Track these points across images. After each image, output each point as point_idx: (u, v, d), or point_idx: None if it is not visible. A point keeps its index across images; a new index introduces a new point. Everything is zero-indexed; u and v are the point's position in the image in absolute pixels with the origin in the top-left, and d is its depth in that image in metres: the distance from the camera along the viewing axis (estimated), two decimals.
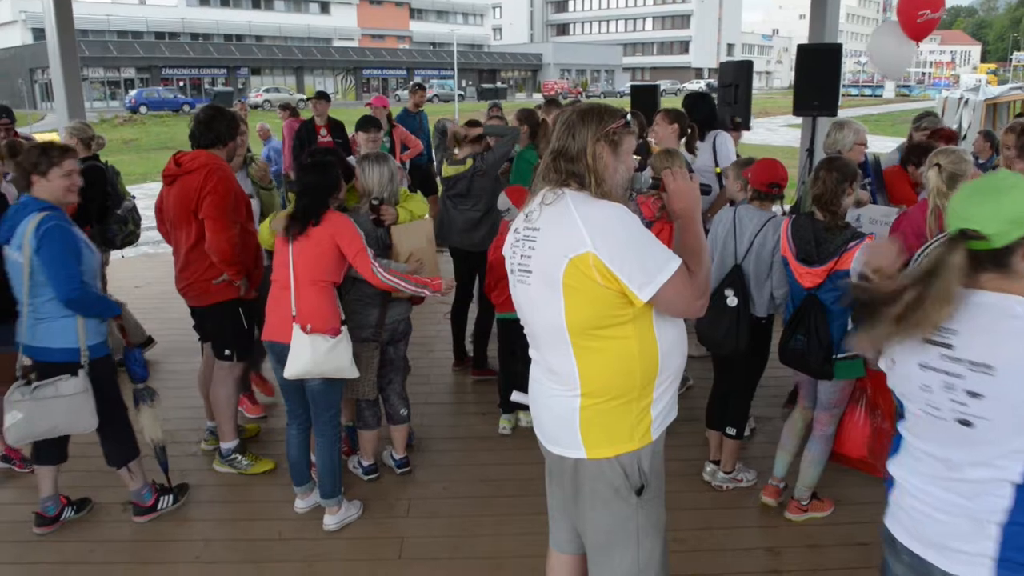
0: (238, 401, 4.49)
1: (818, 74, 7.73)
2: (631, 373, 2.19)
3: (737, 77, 8.79)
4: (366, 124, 5.98)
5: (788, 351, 3.61)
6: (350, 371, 3.67)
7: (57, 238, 3.33)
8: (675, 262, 2.12)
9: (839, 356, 3.47)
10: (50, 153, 3.42)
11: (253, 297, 4.27)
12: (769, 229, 3.78)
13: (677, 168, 2.43)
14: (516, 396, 2.60)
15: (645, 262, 2.10)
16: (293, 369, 3.56)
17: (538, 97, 56.34)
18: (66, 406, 3.45)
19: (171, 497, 3.97)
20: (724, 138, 5.75)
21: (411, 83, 10.07)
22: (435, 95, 54.09)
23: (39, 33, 48.89)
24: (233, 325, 4.26)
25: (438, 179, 7.43)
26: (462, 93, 55.65)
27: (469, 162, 5.38)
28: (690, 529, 3.78)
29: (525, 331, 2.40)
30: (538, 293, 2.22)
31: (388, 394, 4.20)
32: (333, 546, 3.72)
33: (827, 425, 3.73)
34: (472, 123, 5.79)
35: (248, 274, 4.20)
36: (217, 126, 4.10)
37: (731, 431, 4.06)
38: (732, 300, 3.82)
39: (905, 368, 1.84)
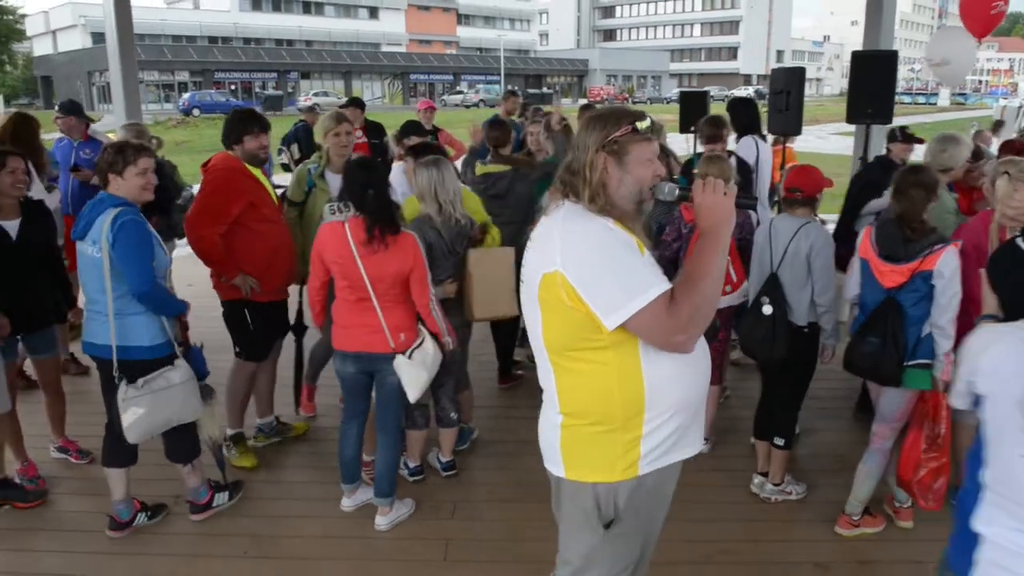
0: (245, 397, 4.58)
1: (873, 81, 7.59)
2: (610, 402, 2.06)
3: (789, 84, 8.65)
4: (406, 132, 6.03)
5: (858, 354, 3.55)
6: (440, 356, 3.79)
7: (132, 232, 3.40)
8: (652, 292, 1.94)
9: (910, 363, 3.42)
10: (126, 152, 3.49)
11: (268, 299, 4.33)
12: (802, 236, 3.78)
13: (716, 177, 2.28)
14: None
15: (614, 288, 1.95)
16: (417, 392, 3.67)
17: (584, 103, 56.16)
18: (180, 394, 3.55)
19: (226, 494, 4.02)
20: (762, 144, 5.74)
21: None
22: (481, 100, 54.28)
23: (98, 37, 50.44)
24: (236, 325, 4.36)
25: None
26: None
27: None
28: (737, 540, 3.74)
29: None
30: (526, 305, 2.18)
31: (439, 396, 4.22)
32: (379, 545, 3.75)
33: (886, 439, 3.67)
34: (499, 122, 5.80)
35: (260, 276, 4.24)
36: (227, 128, 4.22)
37: (779, 441, 4.00)
38: (767, 309, 3.82)
39: (1006, 405, 1.72)
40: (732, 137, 5.66)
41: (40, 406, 4.45)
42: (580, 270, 1.98)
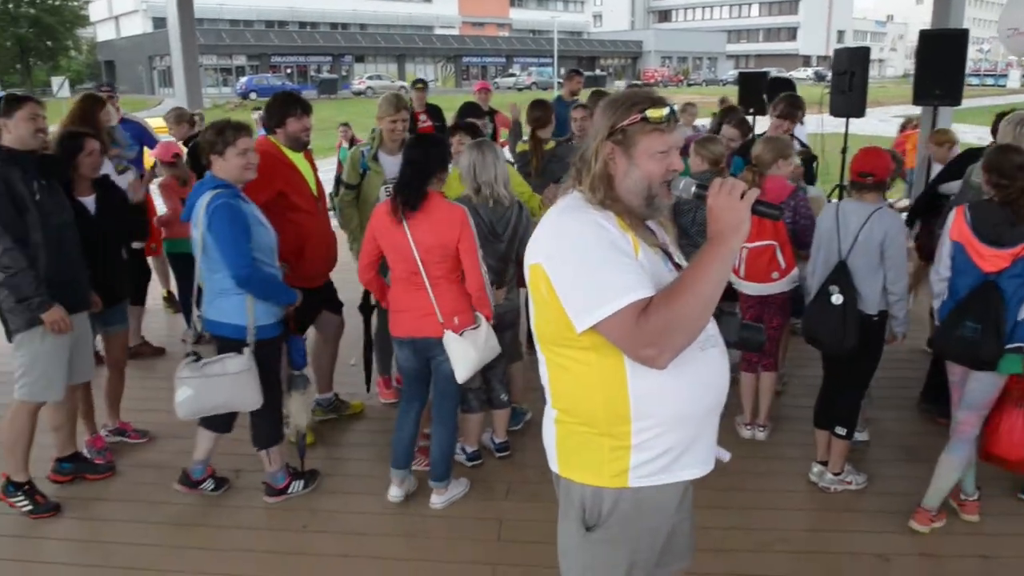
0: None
1: (941, 61, 7.37)
2: (592, 404, 1.94)
3: (852, 64, 8.45)
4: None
5: (953, 340, 3.44)
6: (498, 348, 3.77)
7: (224, 215, 3.44)
8: (625, 299, 1.77)
9: (1008, 347, 3.33)
10: (225, 133, 3.54)
11: (299, 285, 4.27)
12: (875, 221, 3.67)
13: (769, 158, 2.03)
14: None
15: (586, 290, 1.81)
16: (465, 371, 3.63)
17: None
18: (231, 384, 3.57)
19: (302, 482, 4.06)
20: (799, 128, 5.69)
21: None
22: (533, 83, 54.07)
23: (159, 22, 51.53)
24: None
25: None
26: (560, 81, 55.42)
27: (552, 143, 5.36)
28: (796, 529, 3.70)
29: None
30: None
31: (489, 378, 4.24)
32: (434, 523, 3.80)
33: (974, 427, 3.55)
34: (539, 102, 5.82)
35: (288, 264, 4.20)
36: (269, 112, 4.26)
37: (840, 431, 3.92)
38: (837, 298, 3.72)
39: None
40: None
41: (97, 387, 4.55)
42: (557, 266, 1.88)
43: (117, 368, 4.56)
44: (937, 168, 6.10)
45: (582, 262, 1.84)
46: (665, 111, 1.90)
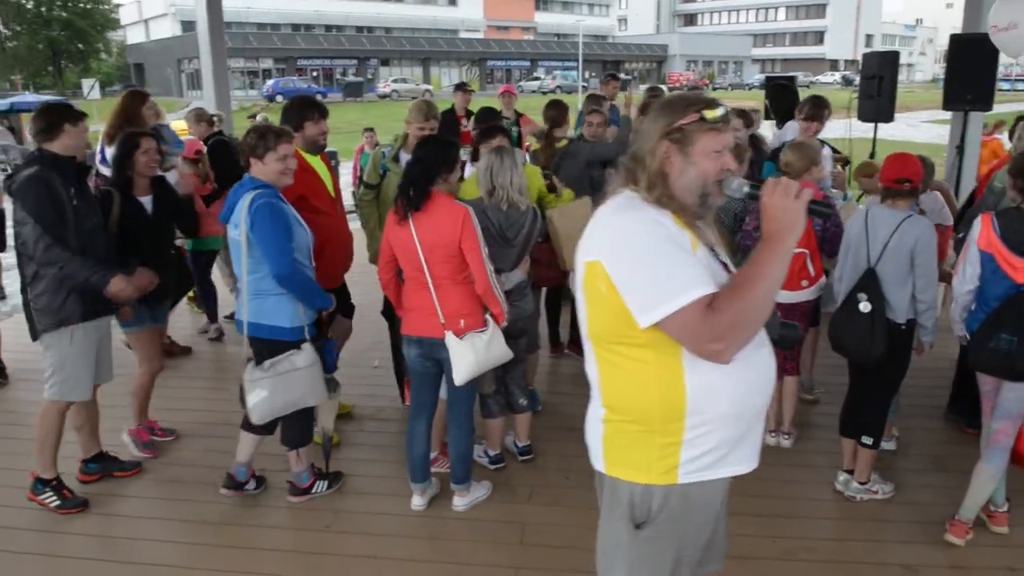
0: None
1: (972, 66, 7.28)
2: (648, 401, 1.96)
3: (881, 68, 8.39)
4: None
5: (988, 352, 3.38)
6: (508, 354, 3.73)
7: (268, 215, 3.48)
8: (690, 294, 1.80)
9: None
10: (267, 138, 3.58)
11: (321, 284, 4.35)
12: (906, 229, 3.62)
13: (797, 163, 2.09)
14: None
15: (651, 286, 1.84)
16: (462, 374, 3.60)
17: (662, 89, 55.27)
18: (303, 378, 3.62)
19: (326, 483, 4.09)
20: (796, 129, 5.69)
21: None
22: (558, 86, 54.07)
23: (187, 25, 52.19)
24: None
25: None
26: (585, 84, 55.28)
27: (564, 141, 5.38)
28: (821, 538, 3.66)
29: None
30: (576, 293, 2.09)
31: (508, 382, 4.24)
32: (457, 526, 3.81)
33: (1009, 436, 3.48)
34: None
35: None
36: (286, 116, 4.28)
37: (867, 440, 3.87)
38: (865, 306, 3.67)
39: None
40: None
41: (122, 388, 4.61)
42: (619, 263, 1.90)
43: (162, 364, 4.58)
44: None
45: (645, 258, 1.87)
46: (720, 111, 1.96)
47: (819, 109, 5.33)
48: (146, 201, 4.22)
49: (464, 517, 3.86)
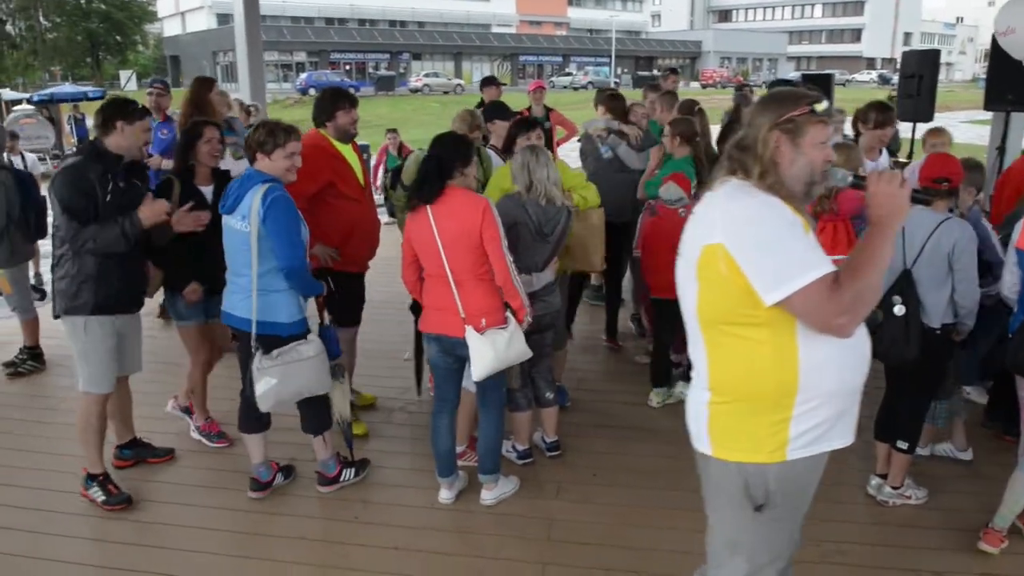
0: (350, 366, 4.63)
1: (1015, 65, 7.10)
2: (762, 379, 2.07)
3: (921, 67, 8.25)
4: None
5: None
6: (527, 353, 3.72)
7: (283, 208, 3.51)
8: (816, 271, 1.94)
9: None
10: (276, 135, 3.60)
11: (346, 269, 4.40)
12: (943, 231, 3.53)
13: (843, 166, 2.26)
14: None
15: (777, 264, 1.96)
16: (481, 371, 3.60)
17: (695, 86, 54.96)
18: (310, 367, 3.67)
19: (353, 470, 4.13)
20: None
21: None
22: (589, 82, 53.89)
23: (223, 18, 52.77)
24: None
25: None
26: (617, 80, 55.10)
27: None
28: (852, 542, 3.61)
29: None
30: (683, 276, 2.19)
31: (535, 377, 4.25)
32: (484, 519, 3.82)
33: None
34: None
35: (337, 249, 4.33)
36: (319, 106, 4.33)
37: (902, 445, 3.81)
38: (899, 308, 3.60)
39: None
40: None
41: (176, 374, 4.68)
42: (743, 243, 1.99)
43: (218, 355, 4.60)
44: None
45: (770, 238, 1.99)
46: (827, 105, 2.11)
47: (886, 113, 5.00)
48: (207, 191, 4.21)
49: (491, 511, 3.87)
